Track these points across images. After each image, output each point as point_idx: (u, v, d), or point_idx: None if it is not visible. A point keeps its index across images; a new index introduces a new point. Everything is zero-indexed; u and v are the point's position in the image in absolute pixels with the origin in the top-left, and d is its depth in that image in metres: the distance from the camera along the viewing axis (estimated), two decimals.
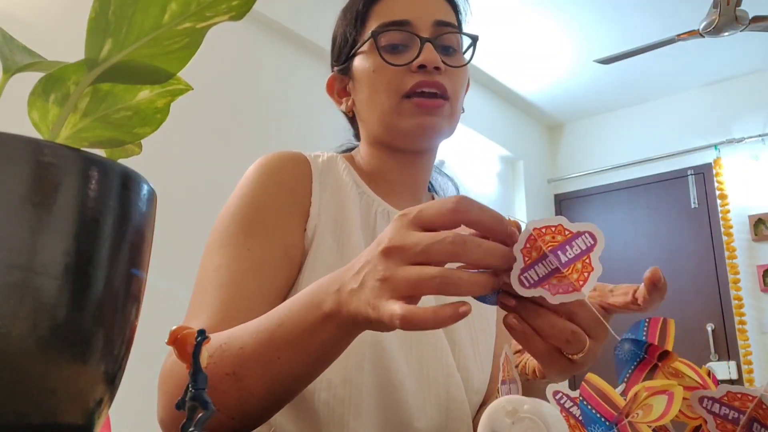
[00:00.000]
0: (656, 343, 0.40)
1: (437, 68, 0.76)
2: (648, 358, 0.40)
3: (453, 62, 0.79)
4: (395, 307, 0.43)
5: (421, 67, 0.76)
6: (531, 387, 0.59)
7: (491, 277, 0.44)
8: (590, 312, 0.45)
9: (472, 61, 0.83)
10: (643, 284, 0.50)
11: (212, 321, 0.64)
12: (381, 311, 0.44)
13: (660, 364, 0.40)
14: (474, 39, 0.83)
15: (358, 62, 0.81)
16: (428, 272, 0.43)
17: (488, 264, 0.43)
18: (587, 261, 0.41)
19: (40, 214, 0.26)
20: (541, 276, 0.41)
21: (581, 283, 0.40)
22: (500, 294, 0.45)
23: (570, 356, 0.47)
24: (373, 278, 0.45)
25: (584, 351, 0.46)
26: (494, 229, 0.44)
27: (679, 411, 0.40)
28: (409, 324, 0.42)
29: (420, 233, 0.44)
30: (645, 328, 0.41)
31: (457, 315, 0.42)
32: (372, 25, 0.80)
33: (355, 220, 0.77)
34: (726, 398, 0.38)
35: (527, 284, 0.41)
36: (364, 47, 0.80)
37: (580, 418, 0.40)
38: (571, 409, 0.40)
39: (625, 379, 0.41)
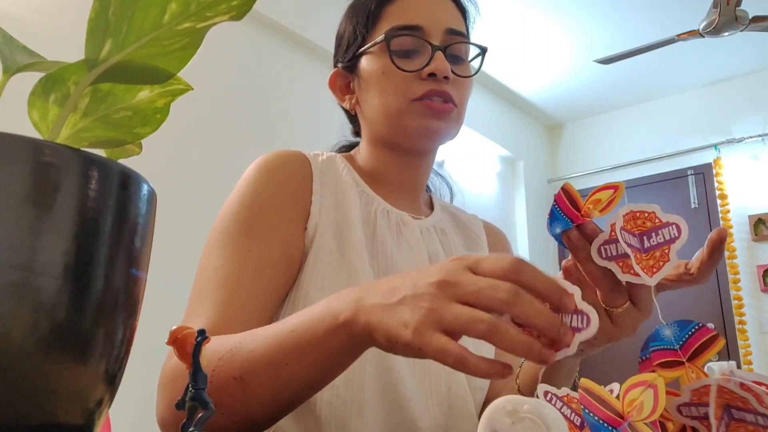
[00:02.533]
0: (694, 348, 0.41)
1: (446, 77, 0.77)
2: (676, 353, 0.41)
3: (461, 71, 0.80)
4: (450, 345, 0.43)
5: (431, 75, 0.76)
6: (558, 366, 0.59)
7: (537, 344, 0.43)
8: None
9: (473, 65, 0.84)
10: (700, 251, 0.53)
11: (212, 321, 0.63)
12: (425, 340, 0.43)
13: (687, 363, 0.40)
14: (483, 50, 0.83)
15: (366, 62, 0.81)
16: (480, 315, 0.43)
17: (535, 323, 0.43)
18: (666, 251, 0.42)
19: (40, 214, 0.26)
20: (617, 254, 0.44)
21: (654, 270, 0.42)
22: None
23: (611, 310, 0.51)
24: (418, 304, 0.45)
25: (623, 307, 0.50)
26: (546, 295, 0.44)
27: (664, 412, 0.41)
28: (460, 365, 0.43)
29: (477, 276, 0.45)
30: (693, 329, 0.42)
31: (503, 374, 0.43)
32: (383, 26, 0.80)
33: (356, 219, 0.77)
34: (695, 398, 0.38)
35: (603, 255, 0.43)
36: (374, 48, 0.80)
37: (572, 417, 0.40)
38: (561, 410, 0.40)
39: (646, 357, 0.42)
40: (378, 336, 0.46)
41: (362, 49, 0.81)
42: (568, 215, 0.46)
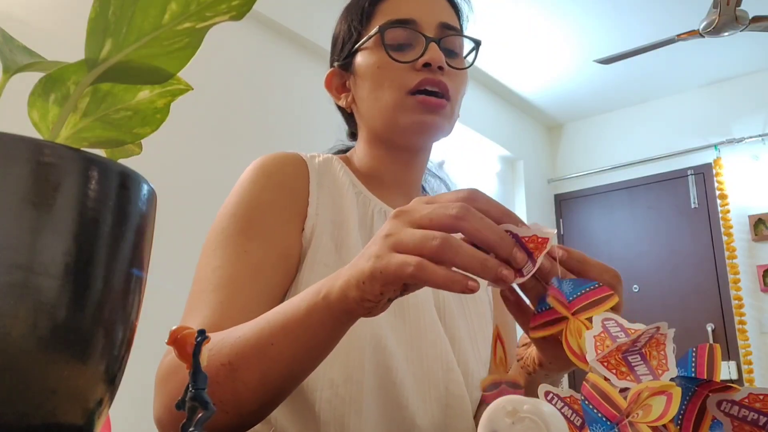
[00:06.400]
0: (705, 376, 0.40)
1: (441, 68, 0.77)
2: (699, 390, 0.40)
3: (456, 65, 0.80)
4: (408, 258, 0.44)
5: (426, 65, 0.77)
6: (533, 380, 0.59)
7: (492, 259, 0.44)
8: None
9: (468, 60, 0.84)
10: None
11: (209, 321, 0.64)
12: (384, 261, 0.45)
13: (711, 394, 0.40)
14: (477, 43, 0.83)
15: (362, 58, 0.81)
16: (431, 233, 0.44)
17: (486, 237, 0.45)
18: (659, 345, 0.41)
19: (40, 214, 0.26)
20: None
21: (660, 371, 0.40)
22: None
23: None
24: (377, 237, 0.48)
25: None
26: (501, 221, 0.46)
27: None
28: (422, 272, 0.44)
29: (431, 204, 0.47)
30: (693, 359, 0.41)
31: (464, 284, 0.44)
32: (377, 23, 0.80)
33: (353, 220, 0.77)
34: (747, 400, 0.38)
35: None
36: (369, 43, 0.80)
37: (572, 418, 0.40)
38: (562, 410, 0.40)
39: (680, 417, 0.41)
40: (350, 290, 0.48)
41: (357, 45, 0.82)
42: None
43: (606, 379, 0.40)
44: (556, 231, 0.47)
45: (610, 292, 0.45)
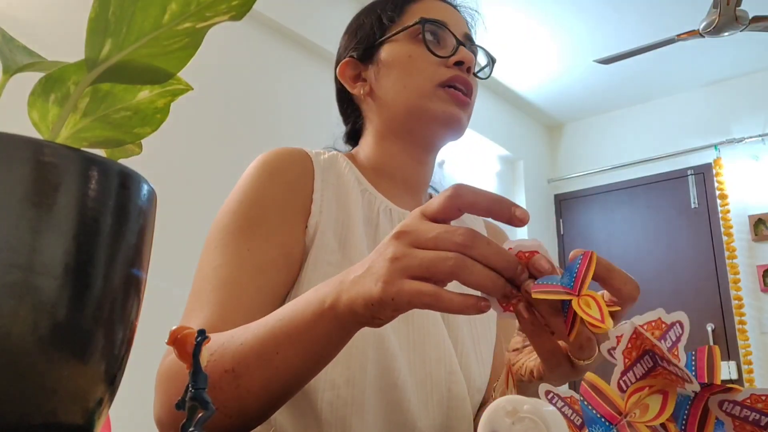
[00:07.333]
0: (706, 378, 0.40)
1: (469, 69, 0.81)
2: (700, 393, 0.40)
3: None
4: (422, 286, 0.44)
5: (458, 63, 0.81)
6: (527, 389, 0.59)
7: (502, 279, 0.44)
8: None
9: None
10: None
11: (210, 321, 0.63)
12: (396, 288, 0.44)
13: (712, 396, 0.39)
14: (493, 60, 0.90)
15: (390, 48, 0.83)
16: (444, 254, 0.44)
17: (494, 262, 0.44)
18: (675, 353, 0.40)
19: (40, 214, 0.26)
20: (639, 376, 0.40)
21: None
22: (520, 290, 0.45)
23: (576, 361, 0.49)
24: (382, 259, 0.46)
25: (593, 358, 0.48)
26: (492, 209, 0.46)
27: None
28: (439, 301, 0.43)
29: (433, 224, 0.46)
30: (693, 362, 0.41)
31: (478, 307, 0.44)
32: (407, 21, 0.83)
33: (358, 218, 0.77)
34: (749, 401, 0.38)
35: (625, 388, 0.40)
36: (399, 36, 0.83)
37: (572, 417, 0.40)
38: (563, 409, 0.40)
39: (684, 422, 0.40)
40: (358, 308, 0.47)
41: (387, 35, 0.84)
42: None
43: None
44: (539, 242, 0.46)
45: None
